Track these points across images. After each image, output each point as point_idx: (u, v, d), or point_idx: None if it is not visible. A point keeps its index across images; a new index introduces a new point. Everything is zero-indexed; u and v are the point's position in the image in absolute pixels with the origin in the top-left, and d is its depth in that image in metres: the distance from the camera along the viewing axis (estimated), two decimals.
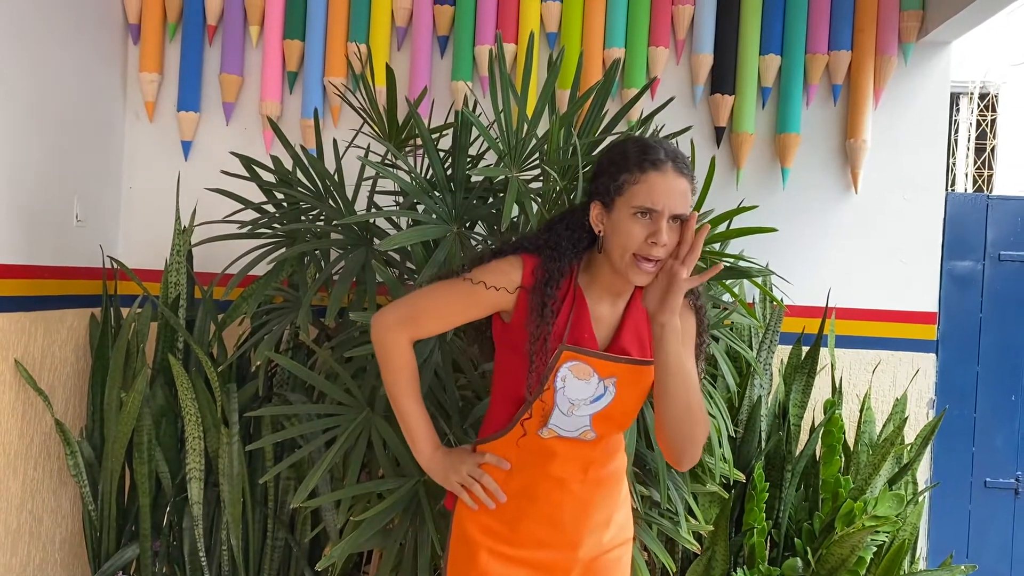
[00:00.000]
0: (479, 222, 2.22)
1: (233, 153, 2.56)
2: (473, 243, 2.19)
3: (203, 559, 2.54)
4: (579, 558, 1.58)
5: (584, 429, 1.54)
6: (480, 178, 2.20)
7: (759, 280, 2.54)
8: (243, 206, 2.48)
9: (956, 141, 6.16)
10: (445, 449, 1.63)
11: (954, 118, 6.05)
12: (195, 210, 2.84)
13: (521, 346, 1.52)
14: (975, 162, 6.34)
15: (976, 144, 6.33)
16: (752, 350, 2.72)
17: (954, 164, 6.16)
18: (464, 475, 1.58)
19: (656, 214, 1.42)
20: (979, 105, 6.32)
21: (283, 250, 2.35)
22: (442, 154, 2.28)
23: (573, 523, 1.58)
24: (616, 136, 2.28)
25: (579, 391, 1.52)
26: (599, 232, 1.51)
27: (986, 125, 6.33)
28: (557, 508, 1.57)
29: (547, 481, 1.57)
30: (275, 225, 2.40)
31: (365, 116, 2.51)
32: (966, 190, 6.20)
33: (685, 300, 1.56)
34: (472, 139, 2.23)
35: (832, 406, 2.69)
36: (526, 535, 1.58)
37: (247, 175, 2.50)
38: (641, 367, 1.54)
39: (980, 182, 6.32)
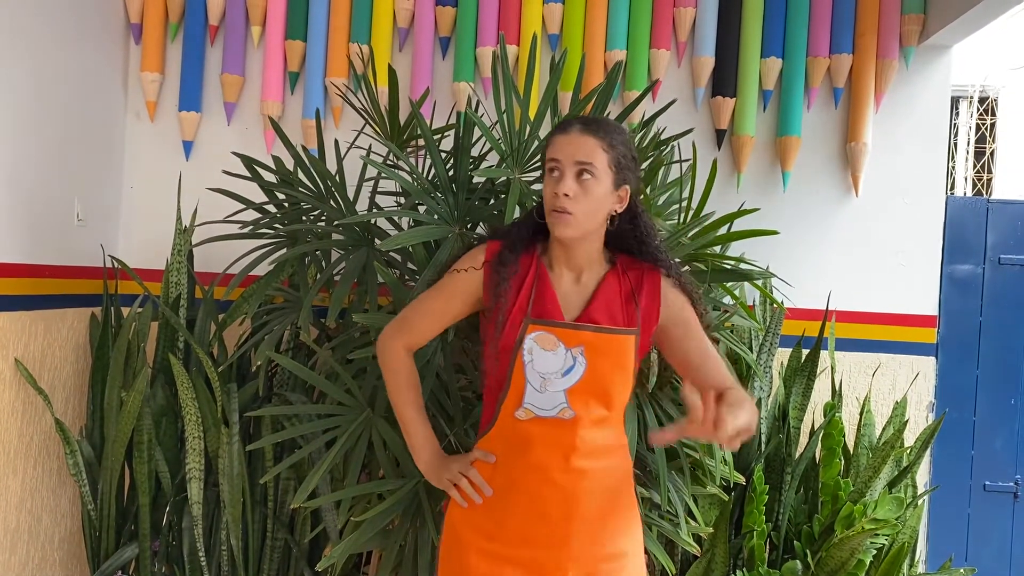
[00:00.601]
0: (481, 223, 2.22)
1: (235, 153, 2.56)
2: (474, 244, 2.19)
3: (202, 559, 2.53)
4: (571, 558, 1.56)
5: (561, 406, 1.55)
6: (482, 179, 2.20)
7: (759, 283, 2.54)
8: (244, 206, 2.48)
9: (955, 145, 6.17)
10: (443, 454, 1.69)
11: (953, 122, 6.06)
12: (196, 210, 2.84)
13: (492, 327, 1.59)
14: (974, 166, 6.35)
15: (975, 148, 6.35)
16: (752, 352, 2.72)
17: (953, 168, 6.17)
18: (454, 472, 1.62)
19: (558, 164, 1.52)
20: (979, 109, 6.33)
21: (284, 250, 2.35)
22: (443, 155, 2.28)
23: (559, 517, 1.57)
24: None
25: (548, 363, 1.55)
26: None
27: (985, 129, 6.34)
28: (541, 501, 1.57)
29: (529, 471, 1.57)
30: (276, 225, 2.39)
31: (367, 117, 2.51)
32: (965, 194, 6.21)
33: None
34: (474, 140, 2.24)
35: (832, 409, 2.70)
36: (513, 531, 1.59)
37: (248, 175, 2.50)
38: (610, 335, 1.56)
39: (979, 186, 6.33)
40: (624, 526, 1.64)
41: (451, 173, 2.22)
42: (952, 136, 5.97)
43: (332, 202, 2.37)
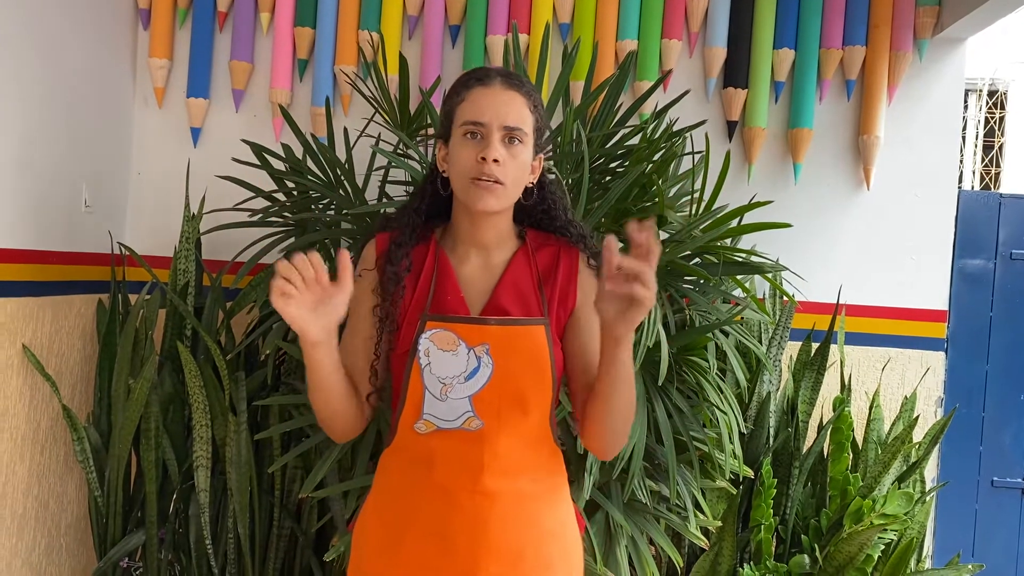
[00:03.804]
0: None
1: (244, 140, 2.55)
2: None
3: (209, 547, 2.53)
4: None
5: (466, 415, 1.33)
6: None
7: (770, 275, 2.53)
8: (253, 194, 2.47)
9: (964, 138, 6.14)
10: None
11: (963, 115, 6.04)
12: (204, 197, 2.83)
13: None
14: (983, 159, 6.31)
15: (984, 141, 6.31)
16: (762, 345, 2.71)
17: (961, 161, 6.14)
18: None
19: (484, 127, 1.31)
20: (988, 102, 6.29)
21: (293, 239, 2.34)
22: None
23: (466, 547, 1.33)
24: (629, 128, 2.28)
25: (447, 366, 1.33)
26: (443, 172, 1.40)
27: (994, 122, 6.30)
28: (444, 524, 1.34)
29: (431, 494, 1.35)
30: (285, 214, 2.39)
31: (376, 105, 2.50)
32: (973, 187, 6.18)
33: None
34: None
35: (841, 403, 2.68)
36: (409, 555, 1.35)
37: (257, 163, 2.49)
38: (518, 328, 1.34)
39: (988, 180, 6.30)
40: (548, 555, 1.38)
41: None
42: (961, 129, 5.94)
43: (341, 191, 2.36)
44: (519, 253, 1.42)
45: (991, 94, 6.28)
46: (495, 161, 1.30)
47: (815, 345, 2.76)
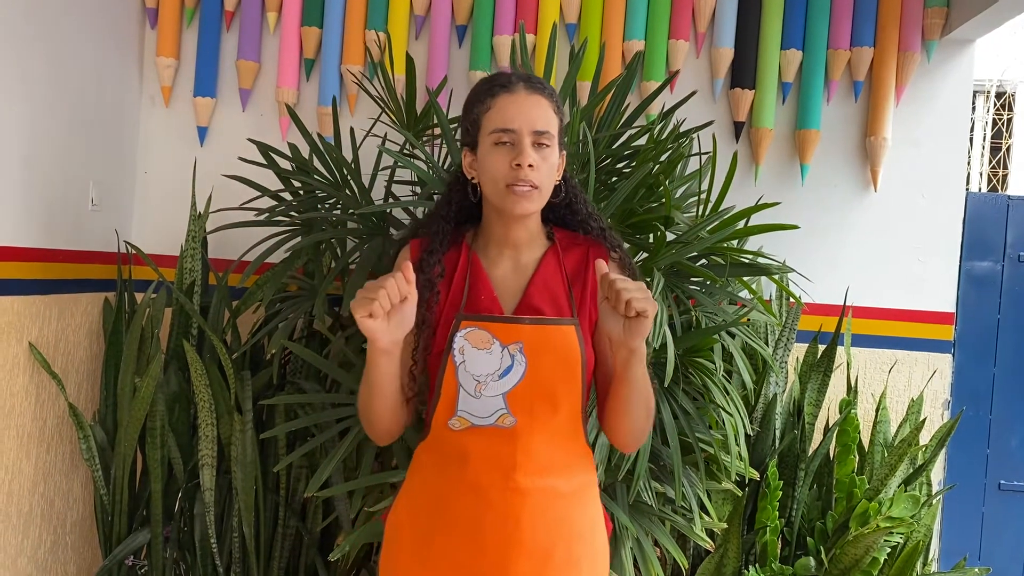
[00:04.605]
0: None
1: (250, 140, 2.55)
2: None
3: (214, 545, 2.54)
4: None
5: (500, 413, 1.36)
6: None
7: (777, 277, 2.52)
8: (259, 193, 2.47)
9: (971, 140, 6.12)
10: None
11: (970, 116, 6.01)
12: (210, 196, 2.83)
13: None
14: (990, 161, 6.29)
15: (991, 143, 6.29)
16: (768, 347, 2.70)
17: (969, 163, 6.12)
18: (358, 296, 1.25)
19: (515, 135, 1.35)
20: (996, 104, 6.27)
21: (299, 238, 2.34)
22: (458, 143, 2.26)
23: (497, 545, 1.35)
24: (635, 129, 2.28)
25: (482, 364, 1.36)
26: (472, 179, 1.43)
27: (1002, 124, 6.28)
28: (476, 521, 1.36)
29: (463, 487, 1.37)
30: (291, 213, 2.39)
31: (383, 105, 2.50)
32: (980, 189, 6.17)
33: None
34: None
35: (847, 405, 2.68)
36: (440, 554, 1.38)
37: (263, 162, 2.49)
38: (551, 327, 1.37)
39: (995, 182, 6.28)
40: (579, 555, 1.40)
41: None
42: (969, 131, 5.93)
43: (347, 190, 2.36)
44: (548, 253, 1.45)
45: (999, 96, 6.26)
46: (529, 167, 1.34)
47: (822, 347, 2.76)
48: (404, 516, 1.45)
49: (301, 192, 2.47)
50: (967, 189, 5.74)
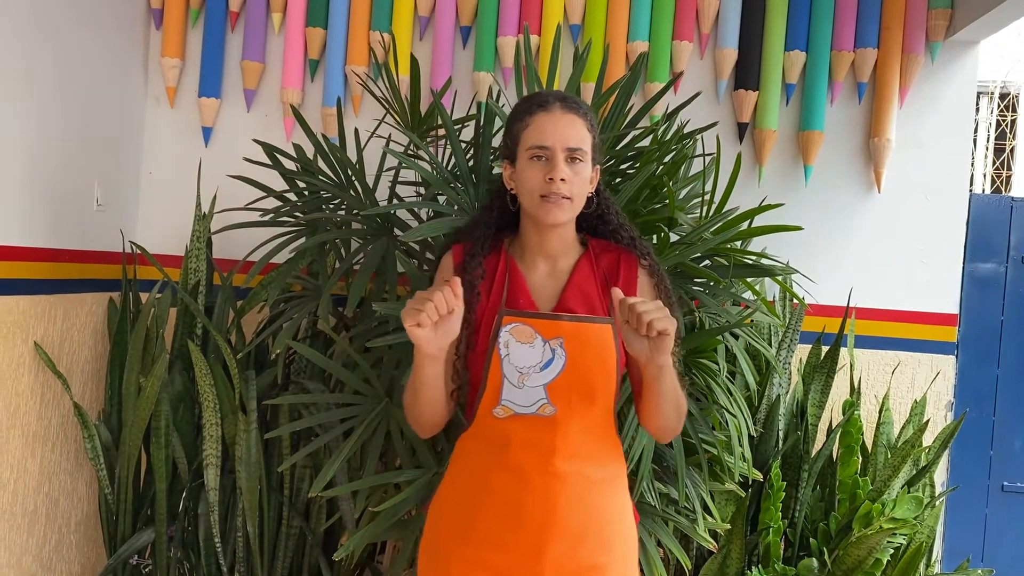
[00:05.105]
0: None
1: (255, 140, 2.56)
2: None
3: (218, 545, 2.54)
4: (544, 569, 1.45)
5: (540, 402, 1.47)
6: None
7: (780, 278, 2.53)
8: (264, 194, 2.48)
9: (975, 141, 6.11)
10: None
11: (974, 118, 6.00)
12: (215, 197, 2.84)
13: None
14: (994, 162, 6.29)
15: (996, 144, 6.28)
16: (772, 348, 2.71)
17: (973, 164, 6.11)
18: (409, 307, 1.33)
19: (549, 151, 1.46)
20: (999, 105, 6.26)
21: (303, 239, 2.35)
22: (463, 145, 2.27)
23: (535, 524, 1.45)
24: (639, 130, 2.28)
25: (525, 357, 1.47)
26: (511, 189, 1.54)
27: (1006, 125, 6.27)
28: (517, 502, 1.46)
29: (506, 473, 1.48)
30: (296, 214, 2.39)
31: (387, 106, 2.50)
32: (984, 191, 6.16)
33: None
34: (495, 131, 2.22)
35: (851, 406, 2.68)
36: (486, 535, 1.48)
37: (268, 163, 2.49)
38: (589, 325, 1.48)
39: (998, 183, 6.27)
40: (610, 535, 1.51)
41: (471, 164, 2.21)
42: (973, 132, 5.92)
43: (352, 191, 2.36)
44: (583, 259, 1.56)
45: (1003, 97, 6.25)
46: (562, 180, 1.44)
47: (825, 348, 2.76)
48: (447, 499, 1.56)
49: (305, 193, 2.48)
50: (971, 191, 5.74)
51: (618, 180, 2.25)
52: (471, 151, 2.29)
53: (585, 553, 1.47)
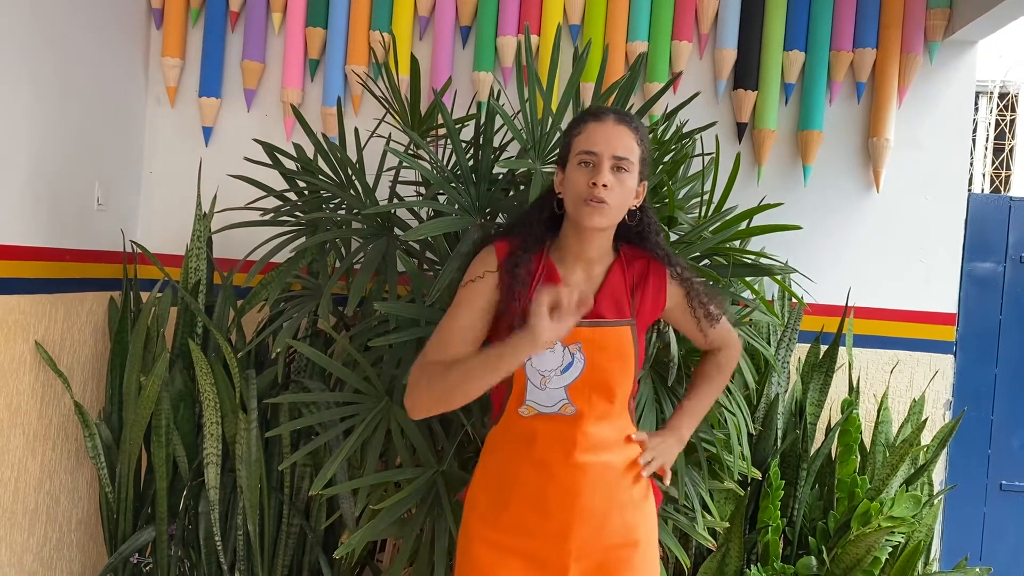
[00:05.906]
0: (501, 214, 2.21)
1: (256, 140, 2.56)
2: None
3: (218, 543, 2.55)
4: (572, 551, 1.56)
5: (562, 403, 1.57)
6: (503, 170, 2.19)
7: (779, 277, 2.53)
8: (264, 193, 2.49)
9: (974, 141, 6.12)
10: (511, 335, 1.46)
11: (973, 117, 6.00)
12: (216, 196, 2.84)
13: (506, 332, 1.51)
14: (993, 162, 6.29)
15: (994, 144, 6.29)
16: (771, 347, 2.71)
17: (971, 164, 6.11)
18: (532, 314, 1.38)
19: (595, 157, 1.52)
20: (998, 105, 6.27)
21: (304, 238, 2.35)
22: (464, 144, 2.28)
23: (560, 511, 1.57)
24: None
25: (546, 361, 1.55)
26: (559, 194, 1.60)
27: (1005, 125, 6.28)
28: (542, 494, 1.58)
29: (531, 466, 1.59)
30: (296, 213, 2.40)
31: (387, 105, 2.51)
32: (983, 190, 6.16)
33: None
34: (495, 130, 2.23)
35: (849, 405, 2.69)
36: (512, 520, 1.59)
37: (268, 162, 2.50)
38: (606, 328, 1.57)
39: (997, 183, 6.28)
40: (632, 517, 1.63)
41: (472, 163, 2.22)
42: (971, 132, 5.93)
43: (352, 191, 2.37)
44: (615, 265, 1.64)
45: (1002, 97, 6.26)
46: (604, 186, 1.50)
47: (824, 347, 2.77)
48: (479, 489, 1.66)
49: (306, 192, 2.48)
50: (969, 190, 5.75)
51: None
52: (471, 150, 2.29)
53: (608, 535, 1.58)
